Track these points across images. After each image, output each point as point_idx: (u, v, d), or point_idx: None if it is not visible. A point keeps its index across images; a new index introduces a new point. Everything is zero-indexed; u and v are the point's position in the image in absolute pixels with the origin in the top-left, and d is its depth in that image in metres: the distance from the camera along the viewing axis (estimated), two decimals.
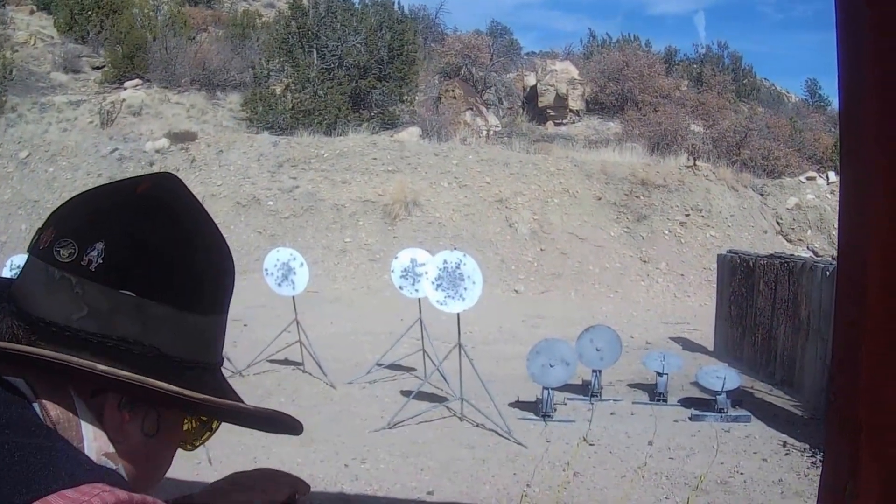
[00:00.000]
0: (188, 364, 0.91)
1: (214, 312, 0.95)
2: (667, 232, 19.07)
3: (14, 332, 0.85)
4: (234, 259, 0.99)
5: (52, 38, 30.00)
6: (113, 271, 0.85)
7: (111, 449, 0.86)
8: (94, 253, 0.85)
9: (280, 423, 1.03)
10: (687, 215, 19.45)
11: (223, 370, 1.01)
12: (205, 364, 0.94)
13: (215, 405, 0.90)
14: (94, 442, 0.84)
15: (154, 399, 0.87)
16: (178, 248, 0.90)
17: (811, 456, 7.05)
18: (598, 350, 8.76)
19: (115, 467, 0.85)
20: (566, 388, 8.79)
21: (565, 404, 8.59)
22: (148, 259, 0.87)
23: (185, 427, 1.01)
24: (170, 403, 0.89)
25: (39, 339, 0.84)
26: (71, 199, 0.94)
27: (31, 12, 31.55)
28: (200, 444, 1.06)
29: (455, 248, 10.33)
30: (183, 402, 0.88)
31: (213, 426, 1.06)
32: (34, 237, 0.91)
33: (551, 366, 8.08)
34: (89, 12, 29.56)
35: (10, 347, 0.82)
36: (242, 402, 0.96)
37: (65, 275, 0.85)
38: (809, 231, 19.79)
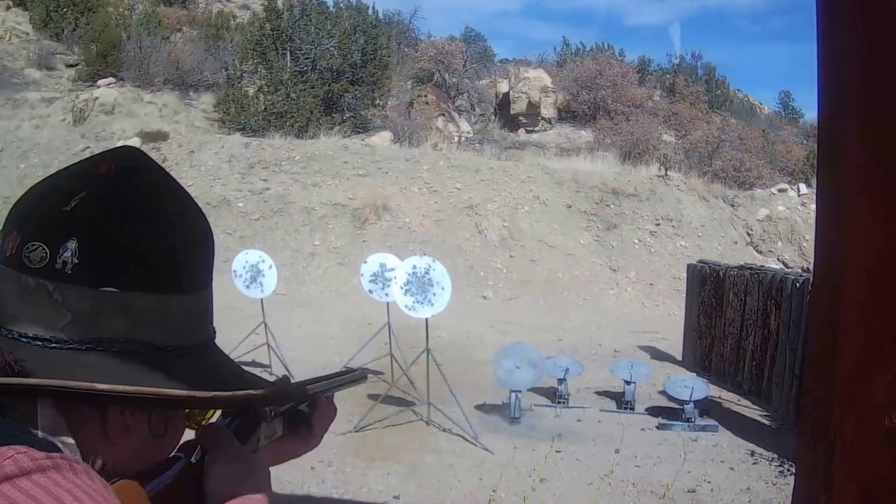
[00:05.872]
0: (185, 350, 0.85)
1: (199, 288, 0.90)
2: (637, 241, 19.11)
3: (4, 357, 0.74)
4: None
5: (28, 34, 29.83)
6: (90, 269, 0.78)
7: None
8: (68, 253, 0.77)
9: (290, 396, 1.03)
10: (657, 225, 19.51)
11: None
12: (200, 344, 0.89)
13: (225, 400, 0.85)
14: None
15: (160, 403, 0.82)
16: (153, 232, 0.83)
17: (779, 465, 7.06)
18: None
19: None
20: (533, 392, 8.78)
21: (532, 410, 8.58)
22: (123, 250, 0.80)
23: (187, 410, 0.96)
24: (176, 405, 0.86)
25: (27, 360, 0.75)
26: (28, 192, 0.85)
27: (7, 8, 31.36)
28: (207, 422, 0.99)
29: (424, 254, 10.28)
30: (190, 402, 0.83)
31: None
32: None
33: (518, 368, 8.07)
34: (64, 10, 29.44)
35: (13, 383, 0.73)
36: (245, 373, 0.93)
37: (40, 282, 0.77)
38: (780, 242, 19.85)
